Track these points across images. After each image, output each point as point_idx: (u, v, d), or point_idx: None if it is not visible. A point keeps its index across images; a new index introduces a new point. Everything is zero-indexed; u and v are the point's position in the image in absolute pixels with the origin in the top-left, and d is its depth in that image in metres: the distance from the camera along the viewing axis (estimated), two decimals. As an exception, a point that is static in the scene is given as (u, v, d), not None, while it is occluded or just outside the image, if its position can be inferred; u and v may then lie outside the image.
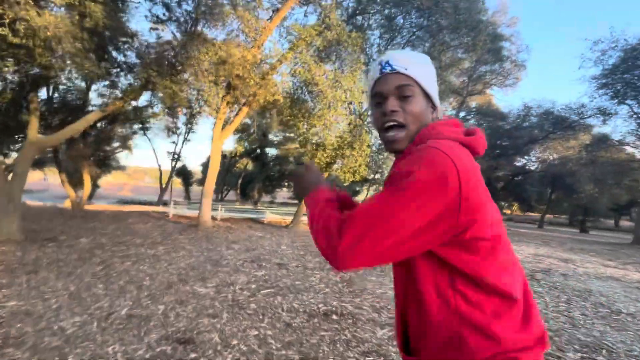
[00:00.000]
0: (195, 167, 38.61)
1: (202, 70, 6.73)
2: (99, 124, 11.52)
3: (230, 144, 29.61)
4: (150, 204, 27.92)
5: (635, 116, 14.02)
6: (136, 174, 72.38)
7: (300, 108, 7.78)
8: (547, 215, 39.11)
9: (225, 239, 7.96)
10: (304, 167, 0.90)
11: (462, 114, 19.25)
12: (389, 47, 9.75)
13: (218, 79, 7.30)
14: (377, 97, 0.76)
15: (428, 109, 0.76)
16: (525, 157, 23.77)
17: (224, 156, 32.44)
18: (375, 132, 8.98)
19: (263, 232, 9.57)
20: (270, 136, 31.96)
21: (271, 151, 33.64)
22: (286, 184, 41.60)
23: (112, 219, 9.78)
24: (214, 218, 10.43)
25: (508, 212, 39.56)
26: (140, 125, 19.05)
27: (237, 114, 8.95)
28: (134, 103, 9.28)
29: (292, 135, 34.96)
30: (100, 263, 4.82)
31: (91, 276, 4.14)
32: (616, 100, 14.25)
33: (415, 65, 0.75)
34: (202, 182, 36.75)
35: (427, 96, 0.76)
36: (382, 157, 9.31)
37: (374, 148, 8.71)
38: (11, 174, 5.98)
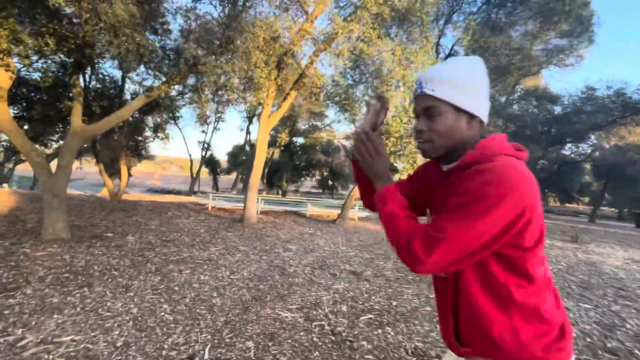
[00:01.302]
0: (221, 156, 38.65)
1: (255, 48, 5.88)
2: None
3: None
4: (179, 193, 28.05)
5: None
6: (164, 163, 74.27)
7: (373, 89, 6.79)
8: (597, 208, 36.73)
9: (277, 237, 7.24)
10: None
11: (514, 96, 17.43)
12: (451, 18, 8.38)
13: (270, 58, 6.44)
14: (416, 114, 0.85)
15: (460, 122, 0.79)
16: (580, 145, 21.60)
17: (251, 145, 32.03)
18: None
19: (312, 228, 8.81)
20: (299, 124, 31.19)
21: (298, 140, 32.84)
22: (314, 173, 40.84)
23: (152, 212, 9.32)
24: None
25: (550, 203, 37.14)
26: (171, 114, 18.74)
27: (284, 99, 8.09)
28: (177, 87, 8.62)
29: (318, 123, 33.80)
30: (157, 272, 4.17)
31: (151, 291, 3.47)
32: None
33: (446, 84, 0.78)
34: (229, 171, 36.79)
35: (461, 110, 0.79)
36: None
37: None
38: (55, 167, 5.42)
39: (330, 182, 42.34)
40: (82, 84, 6.56)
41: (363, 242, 7.50)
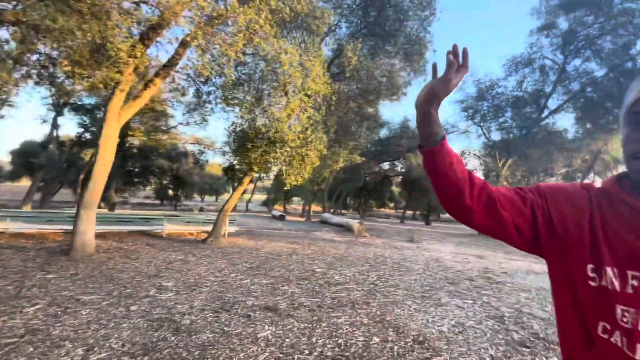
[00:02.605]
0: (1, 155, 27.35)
1: (117, 6, 4.13)
2: None
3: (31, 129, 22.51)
4: None
5: (482, 136, 18.18)
6: None
7: (257, 90, 5.88)
8: (393, 211, 49.14)
9: (137, 271, 5.28)
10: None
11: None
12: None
13: (135, 25, 4.72)
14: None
15: None
16: (396, 162, 27.70)
17: (61, 144, 24.29)
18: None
19: (179, 253, 7.03)
20: (135, 123, 25.95)
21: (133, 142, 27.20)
22: (150, 181, 35.18)
23: None
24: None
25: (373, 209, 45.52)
26: None
27: (146, 86, 6.13)
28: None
29: (161, 124, 29.27)
30: None
31: None
32: (471, 122, 18.11)
33: None
34: (13, 177, 26.43)
35: None
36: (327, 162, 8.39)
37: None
38: None
39: (171, 192, 37.28)
40: None
41: (249, 263, 6.55)
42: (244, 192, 42.40)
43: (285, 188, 7.99)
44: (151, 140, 28.06)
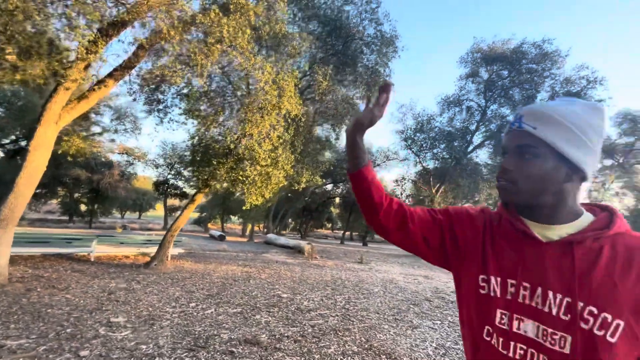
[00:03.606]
0: None
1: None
2: None
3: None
4: None
5: (419, 164, 19.92)
6: None
7: (227, 105, 5.46)
8: (329, 231, 50.27)
9: (70, 305, 4.33)
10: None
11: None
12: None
13: (99, 18, 4.16)
14: (503, 150, 0.74)
15: (558, 173, 0.67)
16: (338, 184, 28.56)
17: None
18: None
19: (120, 281, 6.01)
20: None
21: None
22: (60, 192, 30.67)
23: None
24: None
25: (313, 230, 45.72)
26: None
27: (96, 87, 5.32)
28: None
29: (81, 129, 25.77)
30: None
31: None
32: (409, 151, 19.77)
33: (553, 124, 0.66)
34: None
35: (565, 158, 0.67)
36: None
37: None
38: None
39: (84, 207, 32.57)
40: None
41: (206, 290, 5.93)
42: (176, 209, 38.79)
43: (244, 207, 7.57)
44: (66, 146, 24.48)
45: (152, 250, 9.41)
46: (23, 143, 21.98)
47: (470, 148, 18.11)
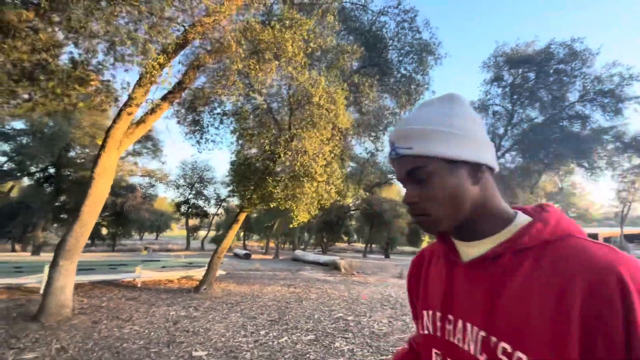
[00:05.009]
0: None
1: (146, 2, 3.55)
2: None
3: None
4: None
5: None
6: None
7: (278, 121, 5.29)
8: (346, 244, 49.43)
9: (140, 336, 4.12)
10: None
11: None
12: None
13: (168, 26, 4.10)
14: (399, 181, 0.63)
15: (462, 179, 0.56)
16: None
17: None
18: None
19: (178, 307, 5.80)
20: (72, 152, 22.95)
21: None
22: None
23: None
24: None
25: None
26: None
27: (152, 111, 5.27)
28: None
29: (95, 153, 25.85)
30: None
31: None
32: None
33: (425, 133, 0.57)
34: None
35: (457, 161, 0.56)
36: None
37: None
38: None
39: (105, 231, 33.06)
40: None
41: (266, 315, 5.64)
42: (197, 228, 38.94)
43: (291, 225, 7.36)
44: (89, 172, 24.78)
45: (193, 273, 9.24)
46: (52, 170, 22.59)
47: (500, 153, 17.65)
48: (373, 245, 43.24)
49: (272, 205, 6.12)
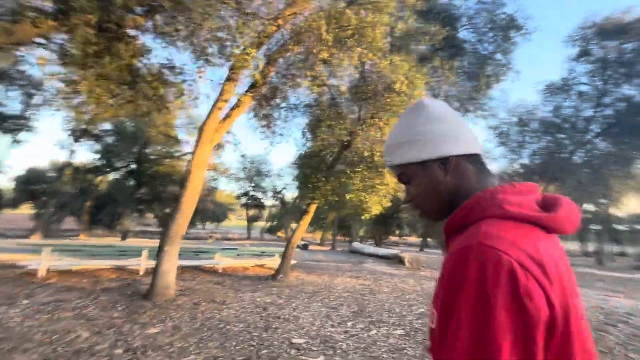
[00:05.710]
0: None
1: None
2: None
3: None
4: None
5: (516, 161, 17.75)
6: None
7: (373, 108, 5.17)
8: (397, 238, 48.12)
9: (239, 319, 4.35)
10: None
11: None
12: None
13: (252, 19, 4.15)
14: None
15: (433, 173, 0.65)
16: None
17: (75, 169, 23.48)
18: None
19: (262, 293, 6.08)
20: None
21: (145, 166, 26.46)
22: (154, 208, 34.33)
23: None
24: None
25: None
26: None
27: (236, 104, 5.50)
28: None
29: (171, 150, 28.32)
30: None
31: None
32: (504, 147, 17.73)
33: (396, 147, 0.69)
34: (15, 204, 25.28)
35: (425, 161, 0.66)
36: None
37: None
38: None
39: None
40: None
41: (346, 305, 5.63)
42: (255, 219, 40.88)
43: (362, 218, 7.24)
44: (165, 167, 27.19)
45: (265, 261, 9.66)
46: (133, 166, 25.32)
47: (588, 137, 15.55)
48: (429, 240, 41.59)
49: (347, 197, 6.04)
